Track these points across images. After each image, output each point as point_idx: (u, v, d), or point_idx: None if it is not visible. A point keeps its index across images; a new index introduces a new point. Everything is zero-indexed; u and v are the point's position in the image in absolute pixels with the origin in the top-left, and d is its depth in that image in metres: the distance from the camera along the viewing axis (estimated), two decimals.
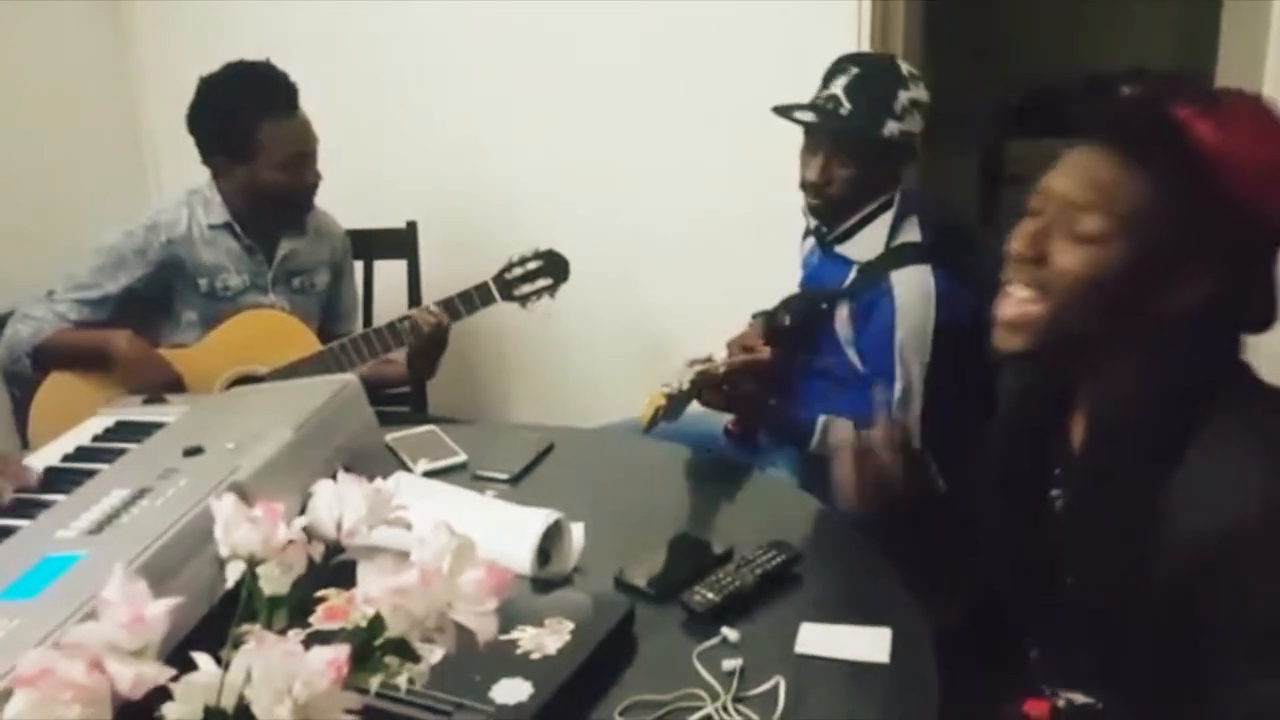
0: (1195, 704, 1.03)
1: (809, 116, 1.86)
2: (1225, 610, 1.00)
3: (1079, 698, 1.17)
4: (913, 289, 1.80)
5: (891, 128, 1.82)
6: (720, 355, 1.91)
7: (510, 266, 2.13)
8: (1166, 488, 1.02)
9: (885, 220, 1.87)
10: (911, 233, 1.86)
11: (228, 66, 2.13)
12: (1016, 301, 1.08)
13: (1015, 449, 1.24)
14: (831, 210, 1.90)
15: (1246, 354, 1.10)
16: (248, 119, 2.09)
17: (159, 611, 0.68)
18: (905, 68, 1.87)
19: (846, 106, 1.83)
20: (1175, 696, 1.06)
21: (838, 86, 1.85)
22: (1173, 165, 1.01)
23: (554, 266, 2.14)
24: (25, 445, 2.04)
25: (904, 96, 1.82)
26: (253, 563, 0.75)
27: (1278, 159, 1.02)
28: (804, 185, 1.89)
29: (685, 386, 1.69)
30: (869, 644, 1.18)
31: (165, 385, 2.03)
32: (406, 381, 2.31)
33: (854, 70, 1.86)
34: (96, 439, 1.54)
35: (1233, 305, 1.05)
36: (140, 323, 2.12)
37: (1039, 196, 1.09)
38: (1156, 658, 1.07)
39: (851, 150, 1.84)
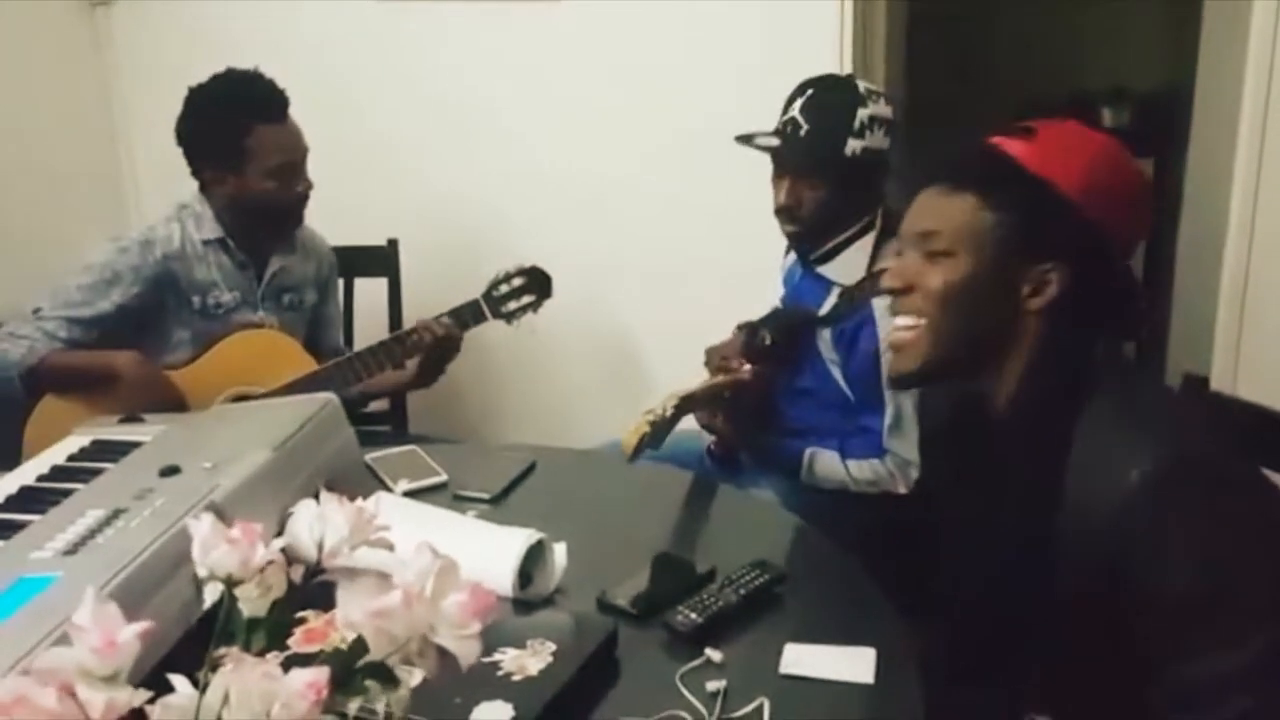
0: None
1: (770, 142, 1.86)
2: (1133, 587, 1.06)
3: None
4: None
5: (853, 145, 1.81)
6: (700, 363, 1.91)
7: (497, 283, 2.13)
8: (1058, 479, 1.10)
9: (867, 243, 1.87)
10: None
11: (217, 76, 2.12)
12: (902, 328, 1.22)
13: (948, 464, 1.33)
14: (808, 234, 1.89)
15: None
16: (238, 126, 2.07)
17: (131, 636, 0.67)
18: (863, 85, 1.86)
19: (805, 127, 1.83)
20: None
21: (796, 109, 1.85)
22: (989, 180, 1.18)
23: (537, 283, 2.14)
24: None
25: (863, 114, 1.81)
26: (230, 584, 0.74)
27: (1081, 156, 1.17)
28: (777, 212, 1.89)
29: (669, 413, 1.69)
30: (853, 664, 1.18)
31: (169, 407, 2.00)
32: (411, 387, 2.28)
33: (810, 92, 1.86)
34: (72, 458, 1.52)
35: (1093, 303, 1.17)
36: (129, 341, 2.08)
37: (899, 241, 1.26)
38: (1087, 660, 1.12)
39: (816, 172, 1.83)
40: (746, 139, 1.87)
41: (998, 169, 1.17)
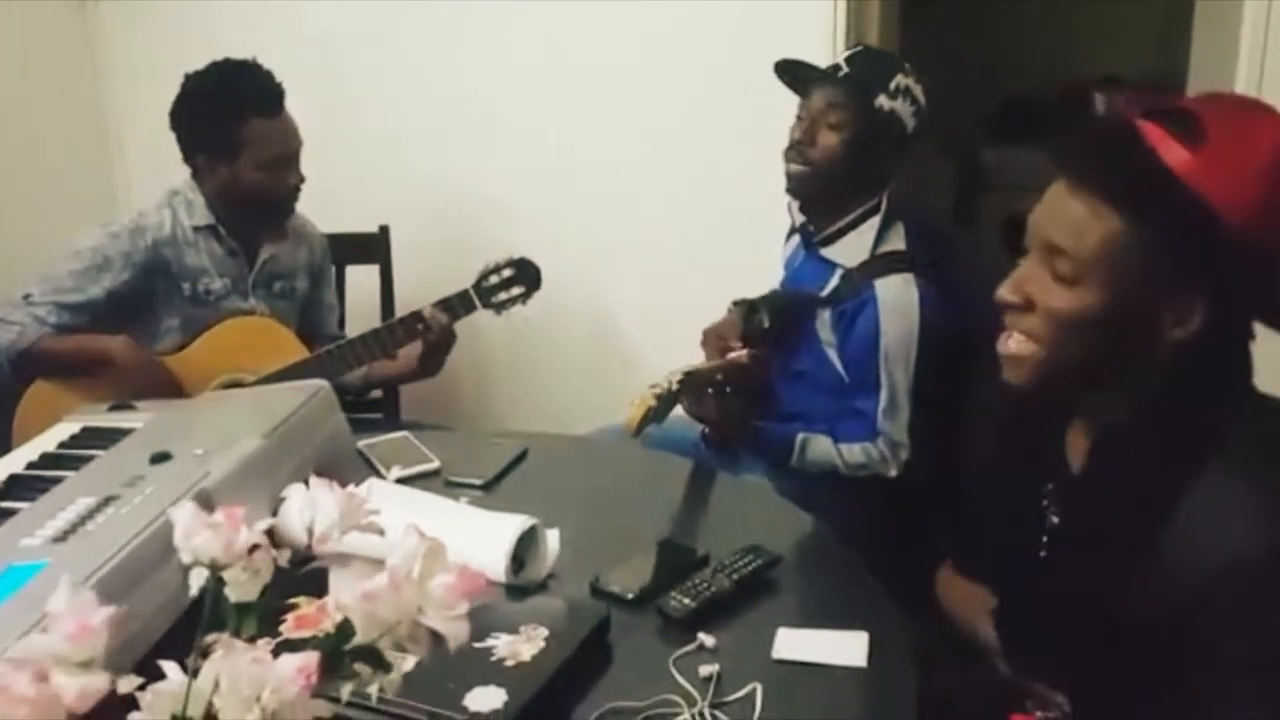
0: None
1: (810, 62, 1.91)
2: (1209, 643, 1.00)
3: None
4: (896, 298, 1.80)
5: (883, 101, 1.84)
6: (696, 342, 1.91)
7: (487, 274, 2.13)
8: (1167, 523, 1.00)
9: (872, 225, 1.87)
10: (897, 240, 1.87)
11: (214, 64, 2.11)
12: (1015, 342, 1.08)
13: (1010, 458, 1.23)
14: (810, 182, 1.88)
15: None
16: (232, 117, 2.07)
17: (103, 621, 0.67)
18: (910, 68, 1.90)
19: (845, 70, 1.88)
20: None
21: (842, 58, 1.92)
22: (1140, 197, 1.00)
23: (526, 274, 2.14)
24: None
25: (901, 79, 1.86)
26: (215, 569, 0.74)
27: (1265, 173, 0.99)
28: (788, 149, 1.89)
29: (674, 388, 1.69)
30: (846, 649, 1.18)
31: (163, 391, 1.99)
32: (415, 377, 2.28)
33: (860, 48, 1.98)
34: (62, 446, 1.52)
35: (1233, 330, 1.04)
36: (119, 328, 2.07)
37: (1029, 234, 1.08)
38: (1129, 679, 1.07)
39: (841, 109, 1.85)
40: (788, 65, 1.91)
41: (1152, 182, 0.99)
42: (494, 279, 2.13)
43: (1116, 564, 1.05)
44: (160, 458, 1.30)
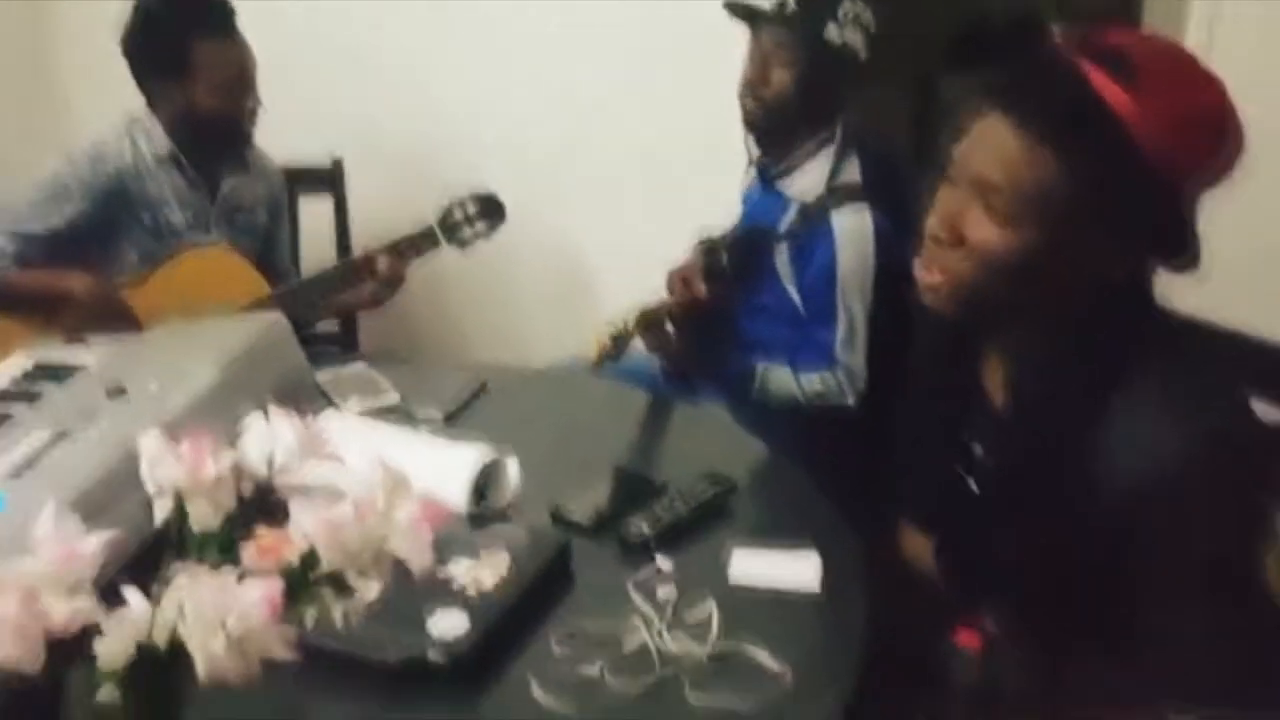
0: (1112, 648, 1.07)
1: (759, 2, 1.89)
2: (1148, 559, 1.03)
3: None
4: (851, 229, 1.82)
5: (833, 31, 1.84)
6: (659, 274, 1.92)
7: (451, 210, 2.11)
8: (1092, 446, 1.03)
9: (827, 156, 1.88)
10: (852, 171, 1.88)
11: None
12: (937, 274, 1.08)
13: (932, 393, 1.25)
14: (766, 120, 1.89)
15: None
16: (182, 38, 2.03)
17: (93, 547, 0.67)
18: None
19: (793, 7, 1.86)
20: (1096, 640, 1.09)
21: None
22: (1085, 143, 1.00)
23: (491, 209, 2.12)
24: None
25: (849, 5, 1.85)
26: (180, 498, 0.74)
27: (1192, 119, 1.00)
28: (743, 87, 1.89)
29: (630, 327, 1.71)
30: (800, 571, 1.21)
31: (124, 329, 1.96)
32: (360, 307, 2.27)
33: None
34: (15, 381, 1.49)
35: (1150, 262, 1.07)
36: (79, 259, 2.03)
37: (954, 166, 1.07)
38: (1076, 604, 1.09)
39: (791, 46, 1.85)
40: (734, 5, 1.89)
41: (1088, 119, 0.99)
42: (458, 214, 2.11)
43: (1047, 493, 1.08)
44: (115, 392, 1.29)
